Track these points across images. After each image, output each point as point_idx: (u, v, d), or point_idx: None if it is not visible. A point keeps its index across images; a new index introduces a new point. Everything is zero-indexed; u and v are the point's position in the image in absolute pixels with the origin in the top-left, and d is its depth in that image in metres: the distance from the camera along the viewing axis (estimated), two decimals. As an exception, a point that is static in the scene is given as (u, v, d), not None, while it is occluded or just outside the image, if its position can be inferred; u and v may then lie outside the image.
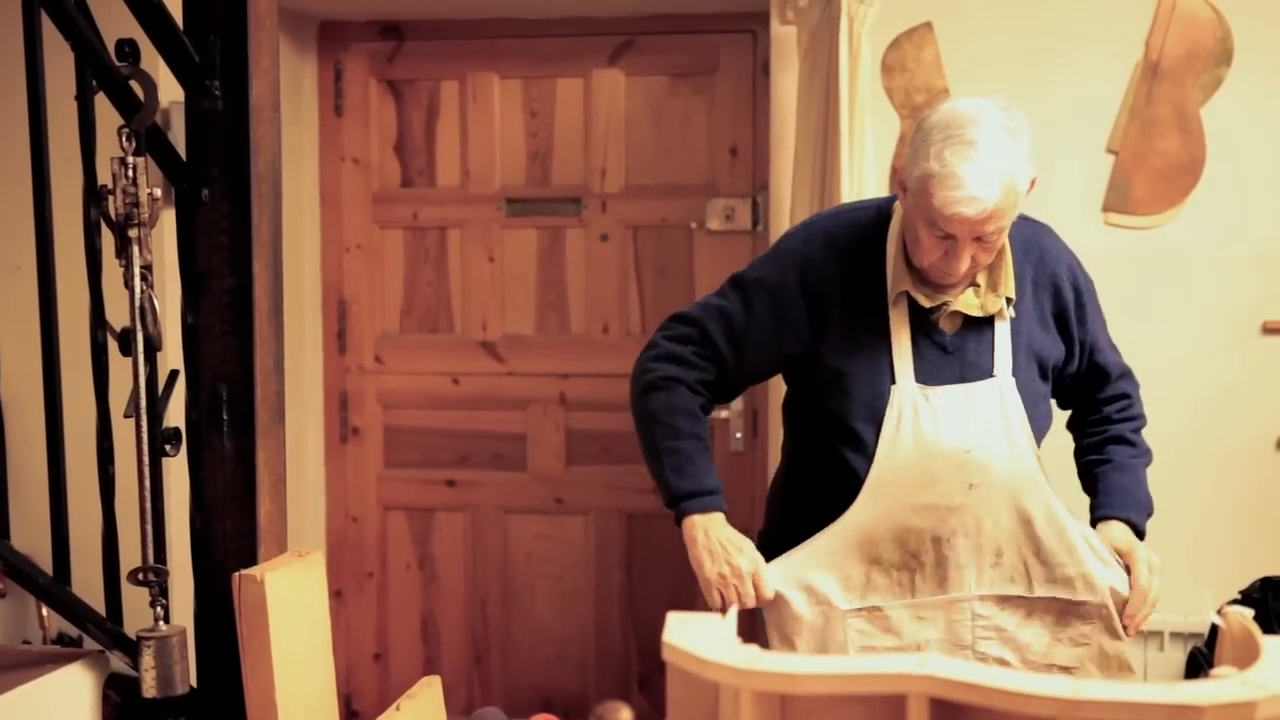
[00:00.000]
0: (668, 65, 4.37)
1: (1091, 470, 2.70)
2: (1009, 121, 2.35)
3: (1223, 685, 1.34)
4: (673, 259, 4.40)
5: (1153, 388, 3.73)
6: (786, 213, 3.84)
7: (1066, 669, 2.49)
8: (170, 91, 2.54)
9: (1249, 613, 1.64)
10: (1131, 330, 3.69)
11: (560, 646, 4.54)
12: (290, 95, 3.99)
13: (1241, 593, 3.56)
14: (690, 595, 4.34)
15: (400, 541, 4.61)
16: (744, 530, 2.54)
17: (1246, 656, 1.52)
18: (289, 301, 2.72)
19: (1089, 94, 3.76)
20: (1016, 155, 2.34)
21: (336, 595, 4.58)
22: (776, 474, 2.81)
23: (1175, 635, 3.75)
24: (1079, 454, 2.76)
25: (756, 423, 4.31)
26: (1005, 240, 2.46)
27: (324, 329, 4.59)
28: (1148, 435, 2.69)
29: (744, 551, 2.48)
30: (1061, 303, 2.60)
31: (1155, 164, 3.73)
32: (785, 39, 3.87)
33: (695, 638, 1.51)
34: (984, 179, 2.28)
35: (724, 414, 4.26)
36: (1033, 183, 2.41)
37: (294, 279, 4.15)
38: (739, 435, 4.27)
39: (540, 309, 4.49)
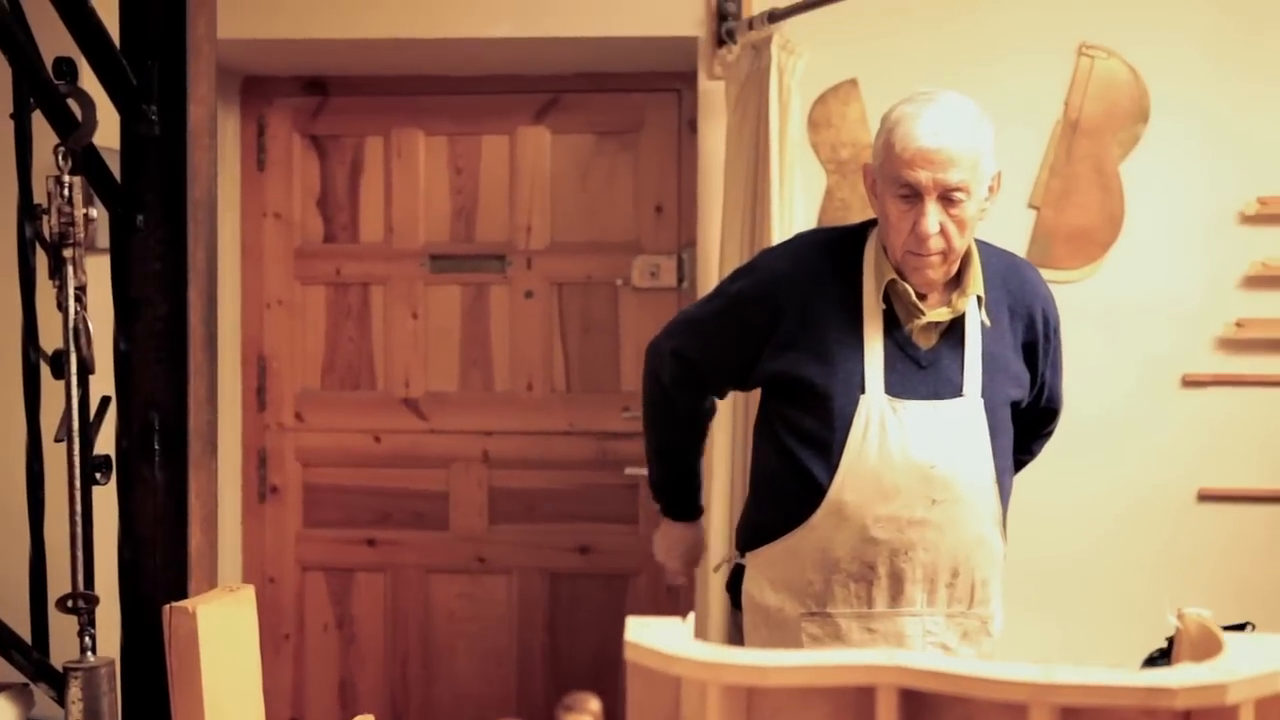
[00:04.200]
0: (593, 123, 4.39)
1: None
2: (973, 107, 2.43)
3: (1194, 669, 1.34)
4: (598, 316, 4.40)
5: (1078, 439, 3.79)
6: (714, 268, 3.85)
7: None
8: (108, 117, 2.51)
9: (1208, 613, 1.65)
10: (1056, 380, 3.74)
11: (481, 708, 4.46)
12: (215, 145, 3.95)
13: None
14: (613, 658, 4.29)
15: (318, 602, 4.52)
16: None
17: (1205, 656, 1.52)
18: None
19: (1010, 151, 3.80)
20: (979, 127, 2.41)
21: (252, 658, 4.47)
22: (746, 503, 2.79)
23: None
24: None
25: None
26: (973, 242, 2.48)
27: (243, 385, 4.52)
28: (1076, 484, 2.67)
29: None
30: (1033, 334, 2.62)
31: (1076, 220, 3.80)
32: (712, 94, 3.90)
33: (658, 637, 1.50)
34: (944, 120, 2.36)
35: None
36: (998, 178, 2.46)
37: (215, 331, 4.09)
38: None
39: (464, 366, 4.45)
